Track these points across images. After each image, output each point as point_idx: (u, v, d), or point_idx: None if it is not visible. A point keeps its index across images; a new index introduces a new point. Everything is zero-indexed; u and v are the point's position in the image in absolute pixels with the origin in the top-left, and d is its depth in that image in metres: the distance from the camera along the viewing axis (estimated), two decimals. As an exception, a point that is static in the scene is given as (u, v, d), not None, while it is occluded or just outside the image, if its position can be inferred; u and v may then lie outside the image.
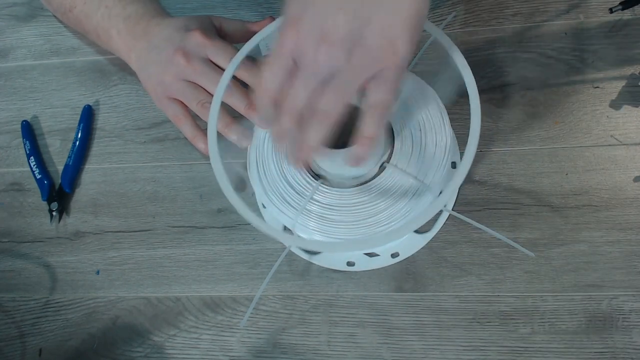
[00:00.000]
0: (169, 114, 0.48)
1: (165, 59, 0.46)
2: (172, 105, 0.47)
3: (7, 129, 0.56)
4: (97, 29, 0.50)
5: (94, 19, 0.50)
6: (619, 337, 0.42)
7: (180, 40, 0.45)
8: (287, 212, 0.40)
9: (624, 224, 0.44)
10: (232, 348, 0.46)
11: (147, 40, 0.48)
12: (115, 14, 0.49)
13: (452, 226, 0.46)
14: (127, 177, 0.52)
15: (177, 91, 0.46)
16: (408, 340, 0.44)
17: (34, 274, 0.50)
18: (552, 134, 0.47)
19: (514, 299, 0.44)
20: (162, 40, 0.47)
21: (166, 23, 0.48)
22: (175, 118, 0.47)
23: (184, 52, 0.45)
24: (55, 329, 0.48)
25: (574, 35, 0.49)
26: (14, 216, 0.53)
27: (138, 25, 0.48)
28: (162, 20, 0.48)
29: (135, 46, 0.48)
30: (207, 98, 0.45)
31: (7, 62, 0.58)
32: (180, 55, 0.45)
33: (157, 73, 0.46)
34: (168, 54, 0.45)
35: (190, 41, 0.45)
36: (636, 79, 0.47)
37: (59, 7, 0.54)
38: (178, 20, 0.48)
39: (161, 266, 0.49)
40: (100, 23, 0.50)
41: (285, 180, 0.41)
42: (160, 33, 0.47)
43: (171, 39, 0.46)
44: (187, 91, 0.45)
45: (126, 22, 0.48)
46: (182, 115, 0.47)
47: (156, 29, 0.48)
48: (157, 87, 0.47)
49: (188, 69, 0.45)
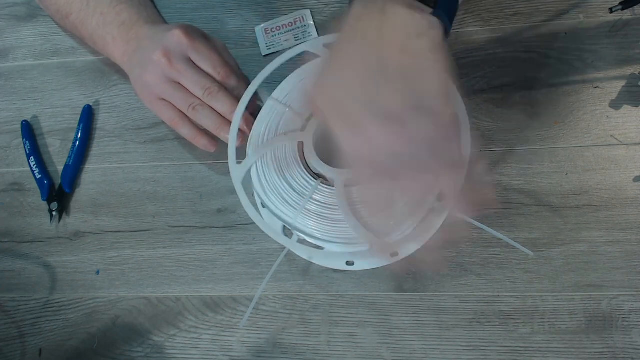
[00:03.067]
0: (164, 119, 0.48)
1: (148, 59, 0.46)
2: (164, 109, 0.47)
3: (7, 129, 0.56)
4: (93, 36, 0.51)
5: (89, 26, 0.50)
6: (619, 337, 0.42)
7: (162, 39, 0.45)
8: (286, 212, 0.40)
9: (624, 224, 0.44)
10: (232, 348, 0.46)
11: (137, 44, 0.48)
12: (110, 21, 0.49)
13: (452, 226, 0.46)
14: (127, 177, 0.52)
15: (164, 93, 0.46)
16: (408, 340, 0.44)
17: (34, 274, 0.50)
18: (552, 134, 0.47)
19: (514, 299, 0.44)
20: (146, 40, 0.47)
21: (156, 27, 0.48)
22: (172, 122, 0.47)
23: (166, 51, 0.44)
24: (55, 329, 0.48)
25: (574, 35, 0.49)
26: (14, 216, 0.53)
27: (131, 30, 0.49)
28: (154, 25, 0.49)
29: (127, 50, 0.49)
30: (196, 101, 0.45)
31: (7, 62, 0.58)
32: (161, 54, 0.44)
33: (141, 74, 0.47)
34: (150, 53, 0.45)
35: (172, 40, 0.45)
36: (636, 79, 0.47)
37: (56, 13, 0.54)
38: (168, 25, 0.48)
39: (161, 266, 0.49)
40: (95, 30, 0.50)
41: (285, 179, 0.41)
42: (147, 35, 0.47)
43: (154, 38, 0.46)
44: (175, 95, 0.46)
45: (120, 29, 0.49)
46: (177, 118, 0.47)
47: (147, 33, 0.48)
48: (144, 89, 0.47)
49: (170, 69, 0.45)
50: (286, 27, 0.54)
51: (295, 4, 0.55)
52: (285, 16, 0.54)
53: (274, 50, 0.53)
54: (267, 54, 0.53)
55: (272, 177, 0.41)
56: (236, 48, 0.54)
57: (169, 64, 0.44)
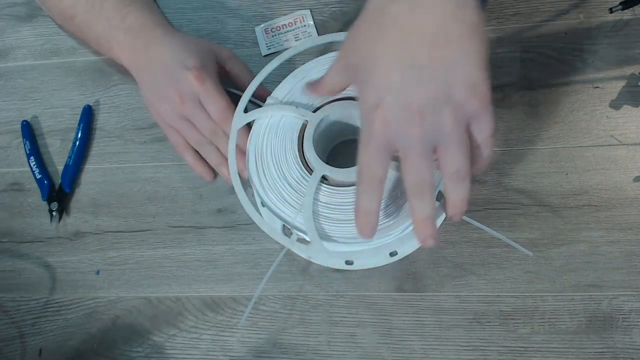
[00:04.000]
0: (171, 141, 0.50)
1: (162, 94, 0.47)
2: (173, 134, 0.49)
3: (7, 129, 0.55)
4: (99, 39, 0.51)
5: (94, 29, 0.50)
6: (619, 337, 0.42)
7: (177, 80, 0.46)
8: (286, 211, 0.40)
9: (624, 224, 0.44)
10: (232, 348, 0.46)
11: (147, 57, 0.48)
12: (115, 26, 0.49)
13: (452, 226, 0.46)
14: (127, 177, 0.52)
15: (175, 124, 0.48)
16: (408, 340, 0.44)
17: (34, 274, 0.50)
18: (552, 134, 0.47)
19: (514, 299, 0.44)
20: (160, 71, 0.47)
21: (167, 43, 0.48)
22: (177, 147, 0.50)
23: (180, 93, 0.46)
24: (55, 329, 0.48)
25: (574, 35, 0.49)
26: (14, 216, 0.53)
27: (138, 38, 0.48)
28: (163, 36, 0.48)
29: (136, 61, 0.49)
30: (202, 139, 0.48)
31: (7, 62, 0.58)
32: (175, 95, 0.46)
33: (155, 102, 0.49)
34: (165, 89, 0.47)
35: (186, 83, 0.46)
36: (636, 79, 0.47)
37: (59, 15, 0.54)
38: (178, 46, 0.47)
39: (161, 266, 0.49)
40: (101, 33, 0.50)
41: (284, 178, 0.41)
42: (159, 58, 0.47)
43: (169, 73, 0.47)
44: (185, 129, 0.48)
45: (126, 35, 0.48)
46: (183, 145, 0.49)
47: (156, 48, 0.48)
48: (156, 115, 0.49)
49: (182, 108, 0.47)
50: (286, 27, 0.54)
51: (295, 4, 0.55)
52: (285, 16, 0.54)
53: (274, 50, 0.53)
54: (267, 54, 0.54)
55: (271, 175, 0.41)
56: (236, 48, 0.54)
57: (182, 104, 0.47)
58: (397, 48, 0.31)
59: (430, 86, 0.31)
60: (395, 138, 0.32)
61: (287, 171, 0.41)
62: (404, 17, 0.31)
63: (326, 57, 0.43)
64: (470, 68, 0.31)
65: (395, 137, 0.32)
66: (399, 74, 0.31)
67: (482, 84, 0.31)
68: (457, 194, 0.33)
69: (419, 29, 0.31)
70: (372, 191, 0.34)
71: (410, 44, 0.31)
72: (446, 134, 0.31)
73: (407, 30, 0.31)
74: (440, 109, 0.31)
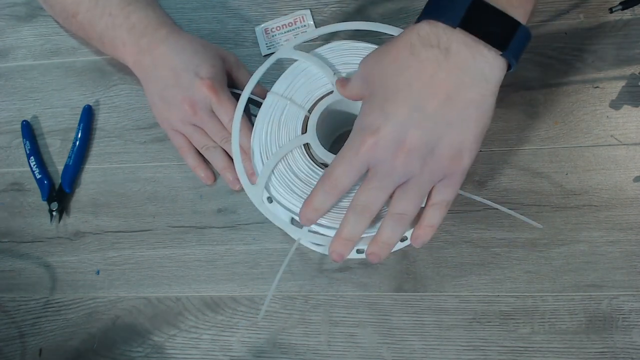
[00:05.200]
0: (174, 144, 0.51)
1: (171, 100, 0.48)
2: (177, 137, 0.50)
3: (7, 129, 0.55)
4: (102, 38, 0.50)
5: (97, 27, 0.50)
6: (619, 337, 0.42)
7: (188, 88, 0.47)
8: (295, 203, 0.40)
9: (624, 224, 0.44)
10: (232, 348, 0.46)
11: (152, 58, 0.48)
12: (119, 24, 0.48)
13: (452, 226, 0.46)
14: (127, 177, 0.52)
15: (183, 129, 0.49)
16: (408, 340, 0.44)
17: (34, 274, 0.50)
18: (552, 134, 0.47)
19: (514, 299, 0.44)
20: (169, 75, 0.47)
21: (174, 45, 0.47)
22: (180, 149, 0.50)
23: (191, 102, 0.47)
24: (55, 329, 0.48)
25: (574, 35, 0.49)
26: (14, 216, 0.53)
27: (143, 38, 0.48)
28: (169, 36, 0.48)
29: (141, 62, 0.49)
30: (211, 143, 0.49)
31: (7, 62, 0.58)
32: (187, 104, 0.47)
33: (162, 107, 0.49)
34: (175, 96, 0.47)
35: (198, 92, 0.47)
36: (636, 79, 0.47)
37: (61, 12, 0.53)
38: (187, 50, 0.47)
39: (161, 266, 0.49)
40: (104, 31, 0.49)
41: (292, 171, 0.41)
42: (166, 60, 0.47)
43: (178, 79, 0.47)
44: (194, 135, 0.49)
45: (130, 34, 0.48)
46: (185, 147, 0.50)
47: (163, 49, 0.47)
48: (163, 120, 0.50)
49: (194, 118, 0.48)
50: (286, 27, 0.54)
51: (295, 4, 0.55)
52: (285, 16, 0.54)
53: (274, 50, 0.53)
54: (267, 54, 0.54)
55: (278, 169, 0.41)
56: (236, 48, 0.54)
57: (194, 114, 0.47)
58: (413, 90, 0.33)
59: (426, 132, 0.33)
60: (375, 162, 0.34)
61: (294, 164, 0.41)
62: (430, 69, 0.33)
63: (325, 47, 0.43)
64: (463, 134, 0.34)
65: (376, 160, 0.34)
66: (406, 112, 0.33)
67: (467, 153, 0.34)
68: (387, 234, 0.36)
69: (438, 84, 0.33)
70: (330, 195, 0.36)
71: (425, 93, 0.33)
72: (414, 177, 0.34)
73: (427, 81, 0.33)
74: (424, 156, 0.34)
